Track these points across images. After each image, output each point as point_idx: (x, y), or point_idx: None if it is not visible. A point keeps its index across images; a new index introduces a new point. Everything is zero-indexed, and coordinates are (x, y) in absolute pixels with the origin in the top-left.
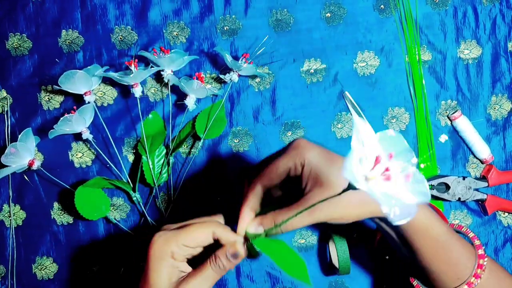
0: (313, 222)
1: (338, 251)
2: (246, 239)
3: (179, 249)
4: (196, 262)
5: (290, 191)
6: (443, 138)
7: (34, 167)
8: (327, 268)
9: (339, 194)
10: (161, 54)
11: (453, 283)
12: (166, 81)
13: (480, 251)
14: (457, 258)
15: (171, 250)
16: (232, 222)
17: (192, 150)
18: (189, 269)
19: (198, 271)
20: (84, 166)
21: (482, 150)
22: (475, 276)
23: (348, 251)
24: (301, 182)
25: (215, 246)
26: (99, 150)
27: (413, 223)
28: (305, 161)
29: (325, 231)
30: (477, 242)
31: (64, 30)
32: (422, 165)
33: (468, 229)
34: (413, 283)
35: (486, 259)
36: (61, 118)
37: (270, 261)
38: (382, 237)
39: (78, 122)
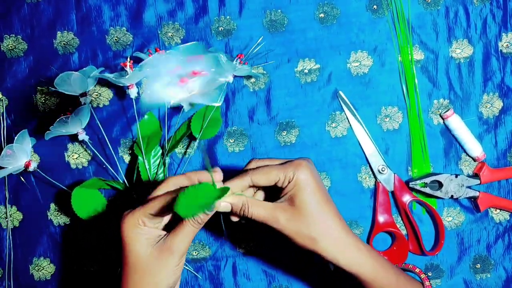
0: (269, 218)
1: None
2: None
3: (147, 218)
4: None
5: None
6: None
7: (31, 168)
8: (326, 266)
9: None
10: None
11: None
12: None
13: None
14: None
15: (140, 219)
16: None
17: (188, 150)
18: (164, 233)
19: (177, 229)
20: (80, 167)
21: (474, 148)
22: None
23: None
24: (281, 192)
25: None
26: (95, 151)
27: (364, 276)
28: (294, 178)
29: None
30: (427, 283)
31: (59, 32)
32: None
33: (421, 270)
34: None
35: None
36: (57, 120)
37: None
38: None
39: (74, 124)
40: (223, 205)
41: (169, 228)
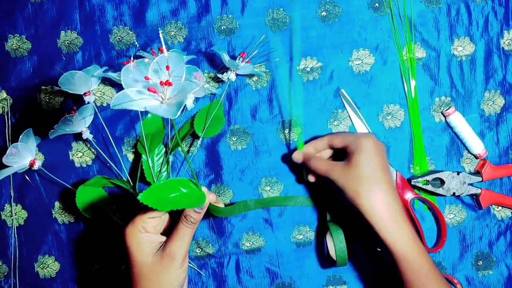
0: (326, 170)
1: (334, 241)
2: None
3: (146, 223)
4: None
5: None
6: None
7: (35, 167)
8: (325, 262)
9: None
10: (159, 54)
11: None
12: None
13: None
14: None
15: (140, 226)
16: None
17: (191, 148)
18: (165, 238)
19: (174, 233)
20: (84, 165)
21: (476, 145)
22: None
23: (344, 241)
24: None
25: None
26: (99, 150)
27: (396, 250)
28: (358, 142)
29: (323, 226)
30: None
31: (63, 31)
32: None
33: (459, 282)
34: None
35: None
36: (61, 119)
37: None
38: None
39: (78, 122)
40: (211, 197)
41: (169, 234)
